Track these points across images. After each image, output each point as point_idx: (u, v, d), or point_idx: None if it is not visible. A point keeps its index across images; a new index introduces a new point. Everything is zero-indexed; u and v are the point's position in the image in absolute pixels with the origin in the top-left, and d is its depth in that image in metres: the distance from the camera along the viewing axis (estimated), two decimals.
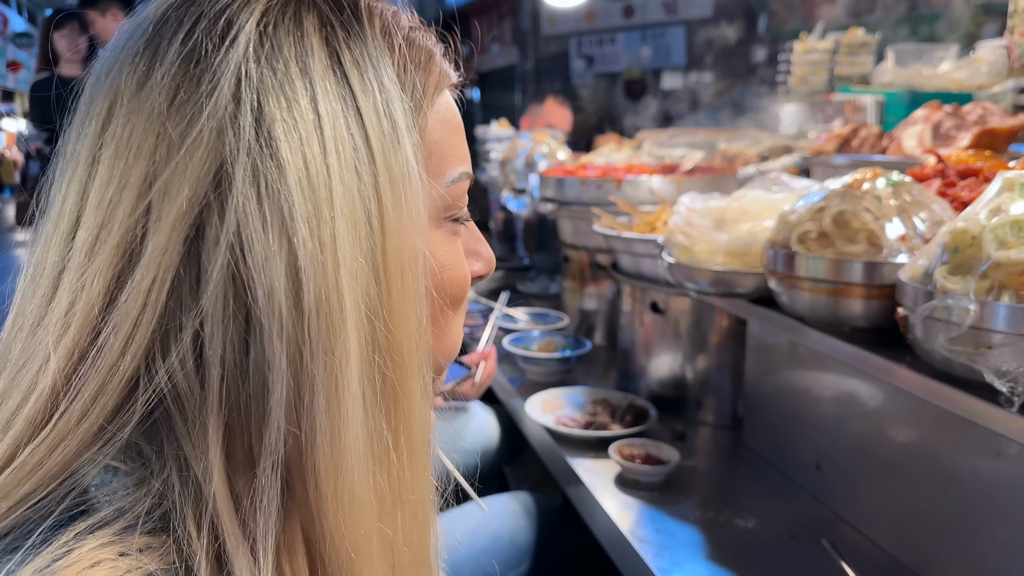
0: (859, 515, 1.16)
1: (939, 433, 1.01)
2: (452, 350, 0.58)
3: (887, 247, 0.97)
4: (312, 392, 0.42)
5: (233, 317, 0.42)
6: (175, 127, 0.43)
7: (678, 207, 1.35)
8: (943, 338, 0.81)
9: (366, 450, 0.45)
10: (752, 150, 2.58)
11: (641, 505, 1.26)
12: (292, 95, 0.43)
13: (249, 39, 0.44)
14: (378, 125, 0.46)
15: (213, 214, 0.42)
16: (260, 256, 0.41)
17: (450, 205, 0.54)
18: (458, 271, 0.55)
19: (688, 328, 1.60)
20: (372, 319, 0.44)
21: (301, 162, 0.42)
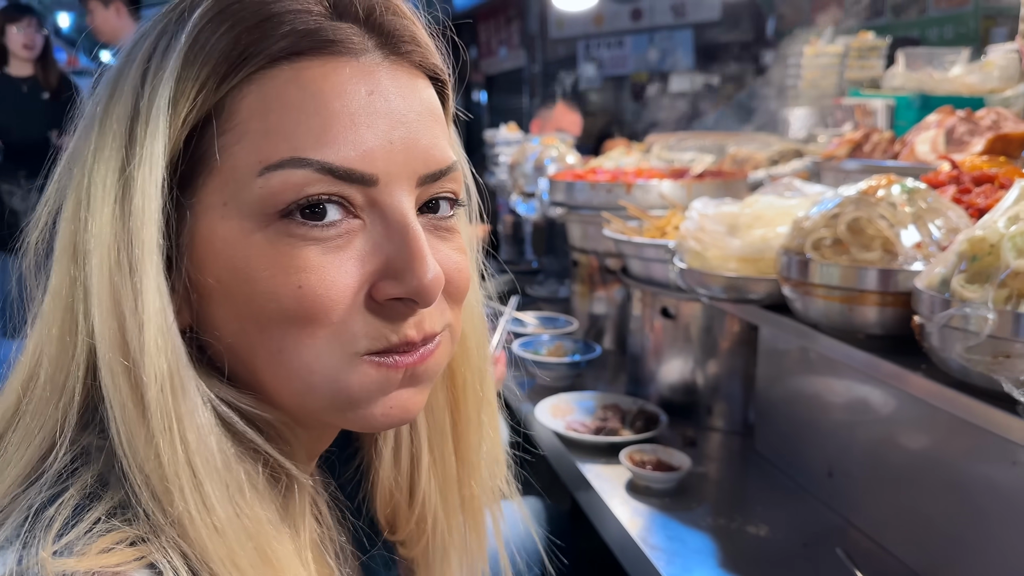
0: (872, 523, 1.16)
1: (953, 440, 1.00)
2: (311, 379, 0.47)
3: (902, 254, 0.96)
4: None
5: None
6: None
7: (690, 212, 1.35)
8: (960, 347, 0.80)
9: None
10: (762, 154, 2.58)
11: (652, 512, 1.26)
12: (117, 101, 0.47)
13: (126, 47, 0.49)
14: (144, 116, 0.46)
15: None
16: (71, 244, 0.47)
17: (265, 201, 0.45)
18: (283, 280, 0.45)
19: (699, 333, 1.60)
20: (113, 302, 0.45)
21: (88, 158, 0.47)
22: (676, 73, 6.61)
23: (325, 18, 0.46)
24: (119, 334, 0.44)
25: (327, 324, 0.46)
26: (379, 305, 0.47)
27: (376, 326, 0.47)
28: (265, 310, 0.45)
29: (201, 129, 0.46)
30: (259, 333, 0.46)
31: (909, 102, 2.53)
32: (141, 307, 0.44)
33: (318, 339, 0.46)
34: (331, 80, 0.45)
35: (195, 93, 0.44)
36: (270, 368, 0.47)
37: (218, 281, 0.46)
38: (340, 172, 0.45)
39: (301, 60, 0.45)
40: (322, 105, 0.45)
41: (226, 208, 0.45)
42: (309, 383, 0.47)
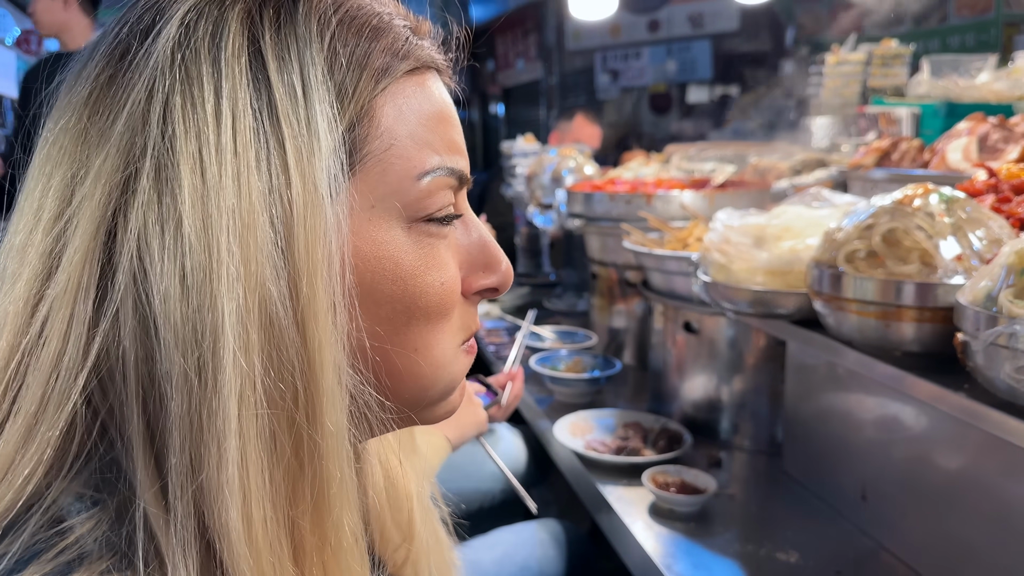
0: (908, 549, 1.10)
1: (995, 461, 0.95)
2: (436, 373, 0.50)
3: (942, 267, 0.91)
4: (200, 414, 0.39)
5: (140, 324, 0.40)
6: (94, 125, 0.43)
7: (714, 223, 1.30)
8: (1009, 367, 0.75)
9: (259, 489, 0.40)
10: (784, 164, 2.52)
11: (676, 537, 1.21)
12: (199, 91, 0.41)
13: (171, 32, 0.43)
14: (293, 120, 0.42)
15: (122, 217, 0.41)
16: (156, 261, 0.39)
17: (419, 204, 0.47)
18: (430, 279, 0.48)
19: (724, 348, 1.55)
20: (264, 329, 0.40)
21: (196, 162, 0.40)
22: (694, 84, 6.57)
23: (416, 37, 0.50)
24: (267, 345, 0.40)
25: (451, 318, 0.50)
26: (464, 299, 0.52)
27: (466, 316, 0.52)
28: (410, 308, 0.47)
29: (351, 131, 0.46)
30: (396, 333, 0.47)
31: (935, 110, 2.47)
32: (311, 316, 0.41)
33: (445, 334, 0.50)
34: (440, 92, 0.50)
35: (351, 97, 0.45)
36: (402, 367, 0.48)
37: (360, 283, 0.45)
38: (464, 177, 0.51)
39: (419, 74, 0.49)
40: (443, 114, 0.50)
41: (374, 211, 0.46)
42: (435, 378, 0.50)
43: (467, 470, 1.63)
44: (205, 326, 0.39)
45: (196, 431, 0.39)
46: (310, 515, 0.42)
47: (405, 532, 0.64)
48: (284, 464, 0.41)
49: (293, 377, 0.41)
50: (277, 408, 0.40)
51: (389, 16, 0.48)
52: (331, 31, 0.45)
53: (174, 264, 0.39)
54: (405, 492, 0.65)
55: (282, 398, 0.40)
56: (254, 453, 0.39)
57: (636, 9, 6.36)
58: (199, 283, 0.39)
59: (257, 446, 0.39)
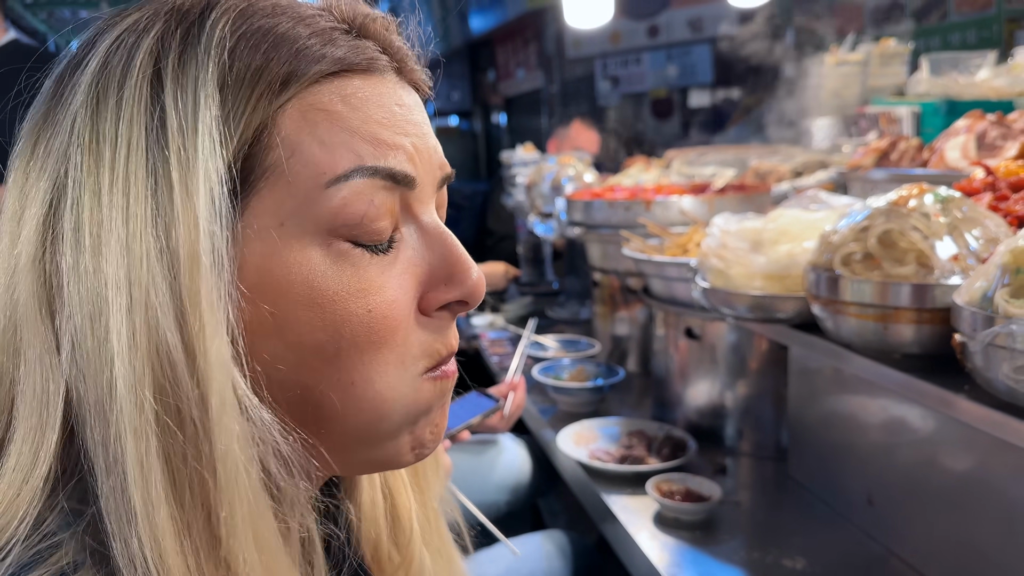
0: (916, 553, 1.08)
1: (1004, 464, 0.94)
2: (383, 407, 0.46)
3: (938, 268, 0.90)
4: (108, 442, 0.40)
5: (72, 351, 0.41)
6: (36, 156, 0.44)
7: (711, 229, 1.29)
8: (1007, 367, 0.74)
9: (167, 520, 0.39)
10: (785, 166, 2.52)
11: (682, 545, 1.19)
12: (103, 122, 0.42)
13: (93, 65, 0.43)
14: (179, 144, 0.41)
15: (51, 246, 0.42)
16: (70, 292, 0.41)
17: (334, 217, 0.43)
18: (353, 305, 0.43)
19: (726, 354, 1.54)
20: (153, 362, 0.40)
21: (96, 193, 0.41)
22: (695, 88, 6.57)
23: (351, 37, 0.47)
24: (160, 374, 0.40)
25: (394, 347, 0.45)
26: (426, 318, 0.47)
27: (428, 341, 0.47)
28: (333, 338, 0.43)
29: (245, 149, 0.43)
30: (325, 365, 0.44)
31: (935, 108, 2.46)
32: (200, 348, 0.40)
33: (389, 364, 0.45)
34: (369, 93, 0.46)
35: (242, 113, 0.42)
36: (339, 401, 0.45)
37: (275, 310, 0.43)
38: (399, 176, 0.45)
39: (339, 77, 0.45)
40: (368, 116, 0.45)
41: (283, 228, 0.43)
42: (381, 412, 0.46)
43: (470, 482, 1.62)
44: (103, 359, 0.39)
45: (110, 459, 0.39)
46: (216, 549, 0.41)
47: (404, 552, 0.64)
48: (186, 500, 0.40)
49: (190, 408, 0.40)
50: (172, 440, 0.40)
51: (309, 22, 0.45)
52: (228, 47, 0.43)
53: (81, 296, 0.40)
54: (407, 512, 0.64)
55: (178, 430, 0.40)
56: (155, 486, 0.39)
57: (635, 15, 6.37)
58: (97, 315, 0.40)
59: (156, 478, 0.39)
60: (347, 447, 0.47)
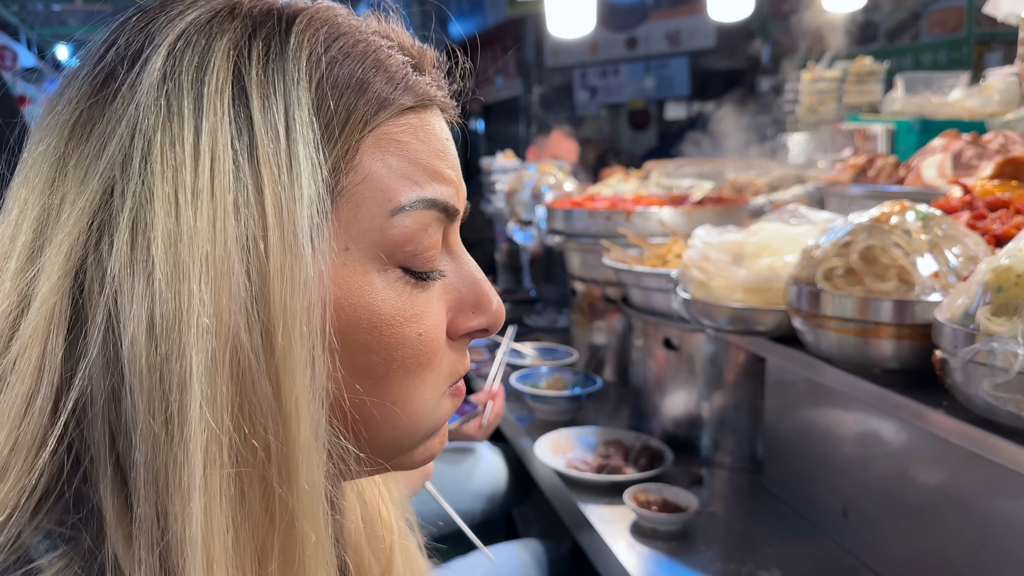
0: (890, 567, 1.10)
1: (976, 478, 0.95)
2: (416, 424, 0.47)
3: (919, 284, 0.91)
4: (164, 467, 0.37)
5: (108, 368, 0.38)
6: (73, 154, 0.41)
7: (693, 240, 1.30)
8: (988, 384, 0.75)
9: (224, 550, 0.37)
10: (762, 180, 2.54)
11: (659, 556, 1.20)
12: (179, 128, 0.39)
13: (157, 63, 0.40)
14: (274, 163, 0.40)
15: (96, 255, 0.39)
16: (126, 304, 0.38)
17: (396, 246, 0.44)
18: (408, 329, 0.45)
19: (703, 365, 1.55)
20: (235, 382, 0.38)
21: (172, 204, 0.38)
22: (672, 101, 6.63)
23: (412, 69, 0.48)
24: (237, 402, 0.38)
25: (432, 368, 0.47)
26: (452, 341, 0.49)
27: (452, 362, 0.50)
28: (387, 360, 0.44)
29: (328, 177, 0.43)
30: (372, 385, 0.45)
31: (910, 127, 2.50)
32: (286, 372, 0.39)
33: (427, 384, 0.47)
34: (433, 128, 0.47)
35: (336, 139, 0.42)
36: (380, 419, 0.46)
37: (334, 332, 0.42)
38: (450, 209, 0.47)
39: (410, 112, 0.46)
40: (430, 149, 0.46)
41: (348, 254, 0.43)
42: (413, 429, 0.47)
43: (447, 490, 1.61)
44: (172, 377, 0.37)
45: (161, 484, 0.37)
46: (280, 573, 0.40)
47: (384, 565, 0.63)
48: (253, 524, 0.39)
49: (266, 433, 0.39)
50: (247, 466, 0.38)
51: (388, 52, 0.46)
52: (321, 69, 0.42)
53: (144, 310, 0.37)
54: (386, 524, 0.63)
55: (253, 455, 0.38)
56: (219, 512, 0.37)
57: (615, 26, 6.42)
58: (168, 331, 0.37)
59: (223, 505, 0.38)
60: (369, 457, 0.47)
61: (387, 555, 0.62)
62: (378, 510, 0.63)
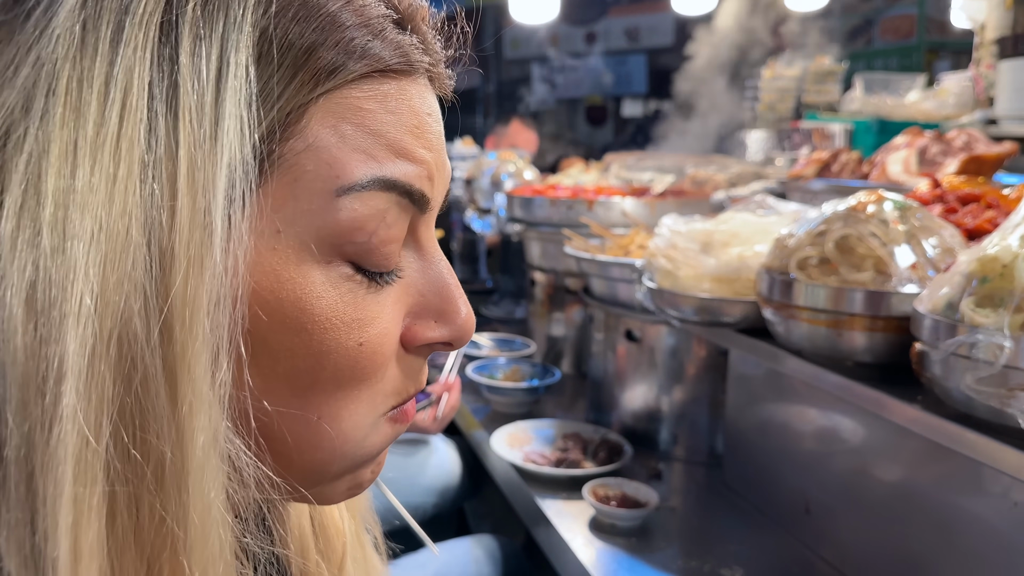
0: (853, 564, 1.08)
1: (939, 473, 0.93)
2: (343, 448, 0.39)
3: (896, 275, 0.89)
4: (33, 467, 0.30)
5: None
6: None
7: (660, 229, 1.26)
8: (970, 377, 0.73)
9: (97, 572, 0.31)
10: (721, 176, 2.54)
11: (618, 552, 1.16)
12: (90, 61, 0.32)
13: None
14: (195, 117, 0.32)
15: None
16: (6, 268, 0.30)
17: (341, 234, 0.37)
18: (345, 336, 0.37)
19: (665, 358, 1.52)
20: (122, 378, 0.31)
21: (69, 152, 0.31)
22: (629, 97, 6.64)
23: (397, 29, 0.40)
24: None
25: (372, 383, 0.39)
26: (405, 353, 0.41)
27: (400, 379, 0.42)
28: (314, 369, 0.37)
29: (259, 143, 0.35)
30: (297, 396, 0.37)
31: (868, 126, 2.53)
32: (184, 369, 0.32)
33: (361, 402, 0.39)
34: (406, 95, 0.39)
35: (277, 97, 0.35)
36: (300, 437, 0.38)
37: (254, 330, 0.35)
38: (416, 196, 0.39)
39: (381, 78, 0.38)
40: (400, 122, 0.38)
41: (279, 237, 0.35)
42: (340, 453, 0.39)
43: (398, 484, 1.55)
44: (49, 364, 0.30)
45: (33, 488, 0.30)
46: None
47: (333, 568, 0.58)
48: (133, 551, 0.32)
49: (159, 442, 0.32)
50: (127, 483, 0.31)
51: (360, 2, 0.38)
52: (271, 12, 0.35)
53: (22, 279, 0.30)
54: (336, 528, 0.57)
55: (136, 470, 0.32)
56: (88, 532, 0.31)
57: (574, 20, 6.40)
58: (47, 308, 0.30)
59: (93, 524, 0.31)
60: (285, 482, 0.40)
61: (339, 562, 0.57)
62: (330, 515, 0.57)
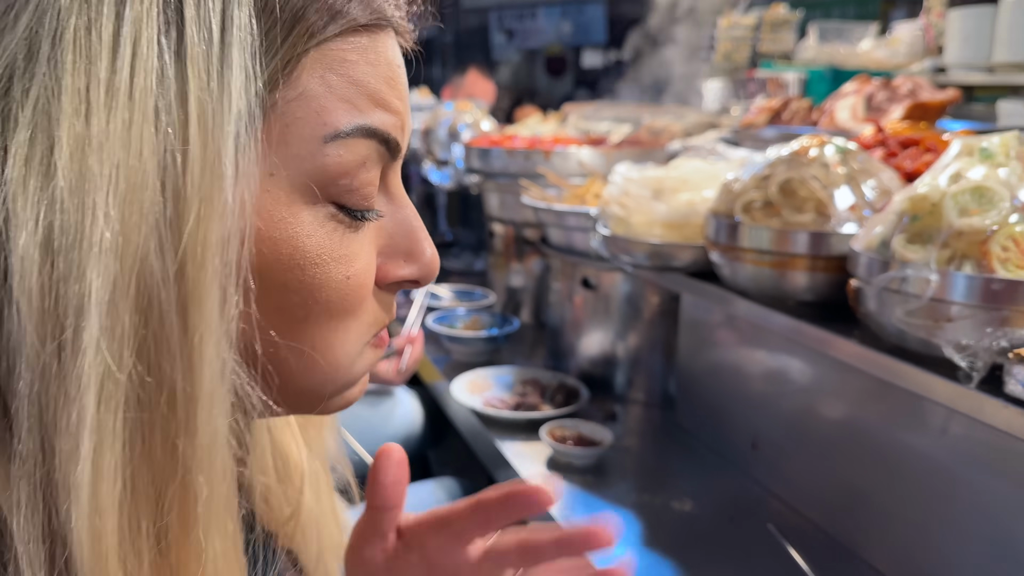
0: (799, 495, 1.13)
1: (881, 411, 0.98)
2: (334, 374, 0.44)
3: (836, 217, 0.92)
4: (52, 402, 0.32)
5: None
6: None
7: (614, 176, 1.28)
8: (900, 311, 0.77)
9: (113, 495, 0.33)
10: (677, 125, 2.56)
11: (575, 489, 1.20)
12: (97, 12, 0.33)
13: None
14: (203, 68, 0.34)
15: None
16: (20, 213, 0.32)
17: (328, 178, 0.40)
18: (334, 271, 0.41)
19: (620, 304, 1.55)
20: (140, 313, 0.33)
21: (82, 101, 0.33)
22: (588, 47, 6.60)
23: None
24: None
25: (358, 315, 0.43)
26: (379, 289, 0.46)
27: (378, 310, 0.46)
28: (307, 302, 0.40)
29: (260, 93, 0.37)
30: (292, 328, 0.40)
31: (821, 75, 2.55)
32: (196, 303, 0.34)
33: (350, 332, 0.43)
34: (379, 48, 0.42)
35: (276, 49, 0.37)
36: (296, 366, 0.41)
37: (252, 266, 0.38)
38: (392, 143, 0.42)
39: (364, 31, 0.41)
40: (378, 74, 0.41)
41: (272, 180, 0.38)
42: (332, 377, 0.44)
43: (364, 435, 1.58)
44: (68, 300, 0.32)
45: (48, 420, 0.32)
46: (176, 527, 0.36)
47: (294, 504, 0.60)
48: (148, 471, 0.35)
49: (172, 372, 0.34)
50: (145, 408, 0.34)
51: None
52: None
53: (39, 221, 0.32)
54: (295, 464, 0.60)
55: (152, 396, 0.34)
56: (111, 456, 0.33)
57: None
58: (67, 248, 0.32)
59: (115, 448, 0.33)
60: (280, 403, 0.43)
61: (296, 497, 0.59)
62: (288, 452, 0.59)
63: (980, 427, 0.80)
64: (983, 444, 0.82)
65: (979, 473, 0.83)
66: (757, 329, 1.18)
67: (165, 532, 0.36)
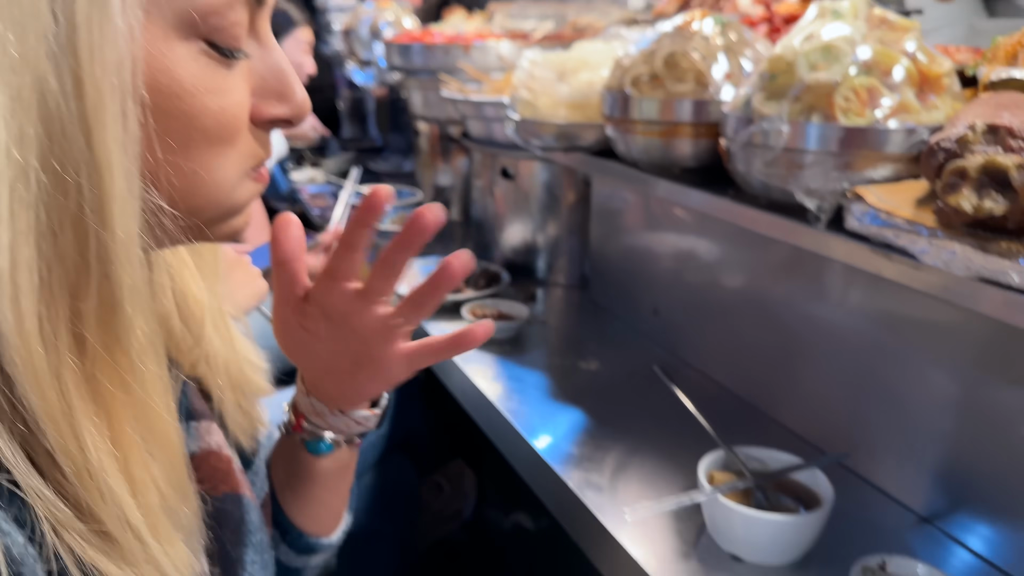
0: (694, 354, 1.24)
1: (769, 280, 1.06)
2: (218, 197, 0.49)
3: (713, 85, 0.99)
4: None
5: None
6: None
7: (521, 62, 1.33)
8: (760, 162, 0.85)
9: (32, 283, 0.39)
10: (602, 22, 2.57)
11: (494, 358, 1.29)
12: None
13: None
14: None
15: None
16: None
17: (199, 13, 0.43)
18: (209, 100, 0.45)
19: (538, 193, 1.62)
20: (43, 124, 0.38)
21: None
22: None
23: None
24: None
25: (235, 144, 0.48)
26: (254, 127, 0.50)
27: (254, 145, 0.50)
28: (187, 128, 0.45)
29: None
30: (172, 152, 0.45)
31: None
32: (99, 124, 0.39)
33: (230, 160, 0.48)
34: None
35: None
36: (184, 184, 0.46)
37: (144, 89, 0.42)
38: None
39: None
40: None
41: (149, 16, 0.41)
42: (216, 200, 0.49)
43: None
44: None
45: None
46: (96, 314, 0.42)
47: (196, 335, 0.65)
48: (64, 262, 0.40)
49: (79, 177, 0.39)
50: (57, 207, 0.39)
51: None
52: None
53: None
54: (195, 300, 0.65)
55: (63, 196, 0.39)
56: (26, 245, 0.38)
57: None
58: None
59: (30, 239, 0.38)
60: (180, 218, 0.48)
61: (199, 329, 0.65)
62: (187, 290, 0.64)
63: (872, 292, 0.90)
64: (878, 309, 0.91)
65: (875, 331, 0.92)
66: (663, 211, 1.26)
67: (81, 316, 0.41)
